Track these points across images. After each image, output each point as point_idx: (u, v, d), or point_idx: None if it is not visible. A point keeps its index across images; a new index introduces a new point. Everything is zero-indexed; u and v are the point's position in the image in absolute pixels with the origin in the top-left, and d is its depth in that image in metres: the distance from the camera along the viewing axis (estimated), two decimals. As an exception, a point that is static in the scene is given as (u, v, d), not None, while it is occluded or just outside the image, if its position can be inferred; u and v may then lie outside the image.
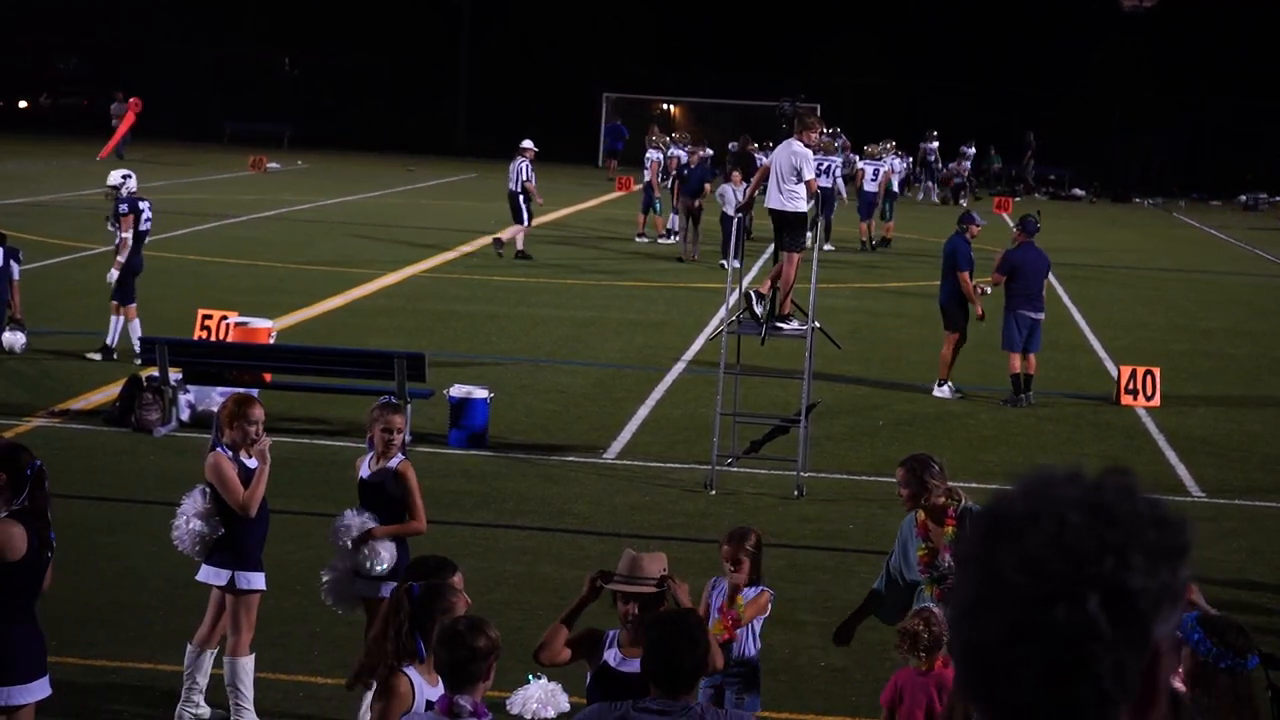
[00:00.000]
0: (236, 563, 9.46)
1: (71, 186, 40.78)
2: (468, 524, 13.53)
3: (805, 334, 15.94)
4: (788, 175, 16.22)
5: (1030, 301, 19.59)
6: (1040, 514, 1.87)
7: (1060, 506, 1.87)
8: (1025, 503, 1.90)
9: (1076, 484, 1.90)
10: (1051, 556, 1.84)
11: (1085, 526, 1.86)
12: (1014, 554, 1.86)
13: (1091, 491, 1.89)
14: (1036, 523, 1.87)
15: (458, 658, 6.07)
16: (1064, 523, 1.86)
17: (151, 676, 10.07)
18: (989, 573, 1.87)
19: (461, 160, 61.65)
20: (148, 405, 16.20)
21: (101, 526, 13.06)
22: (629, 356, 21.84)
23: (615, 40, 69.19)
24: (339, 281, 27.03)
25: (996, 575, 1.87)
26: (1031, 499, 1.90)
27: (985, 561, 1.88)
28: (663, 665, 5.97)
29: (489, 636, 6.12)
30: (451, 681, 6.11)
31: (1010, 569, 1.86)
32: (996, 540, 1.88)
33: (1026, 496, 1.90)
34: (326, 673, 10.15)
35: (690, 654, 6.01)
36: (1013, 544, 1.87)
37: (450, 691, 6.11)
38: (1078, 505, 1.87)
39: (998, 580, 1.86)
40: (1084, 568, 1.83)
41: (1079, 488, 1.90)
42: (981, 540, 1.90)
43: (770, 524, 13.82)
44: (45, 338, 20.10)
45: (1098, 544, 1.85)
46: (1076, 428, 18.79)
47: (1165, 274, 34.98)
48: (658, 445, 16.80)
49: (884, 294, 29.58)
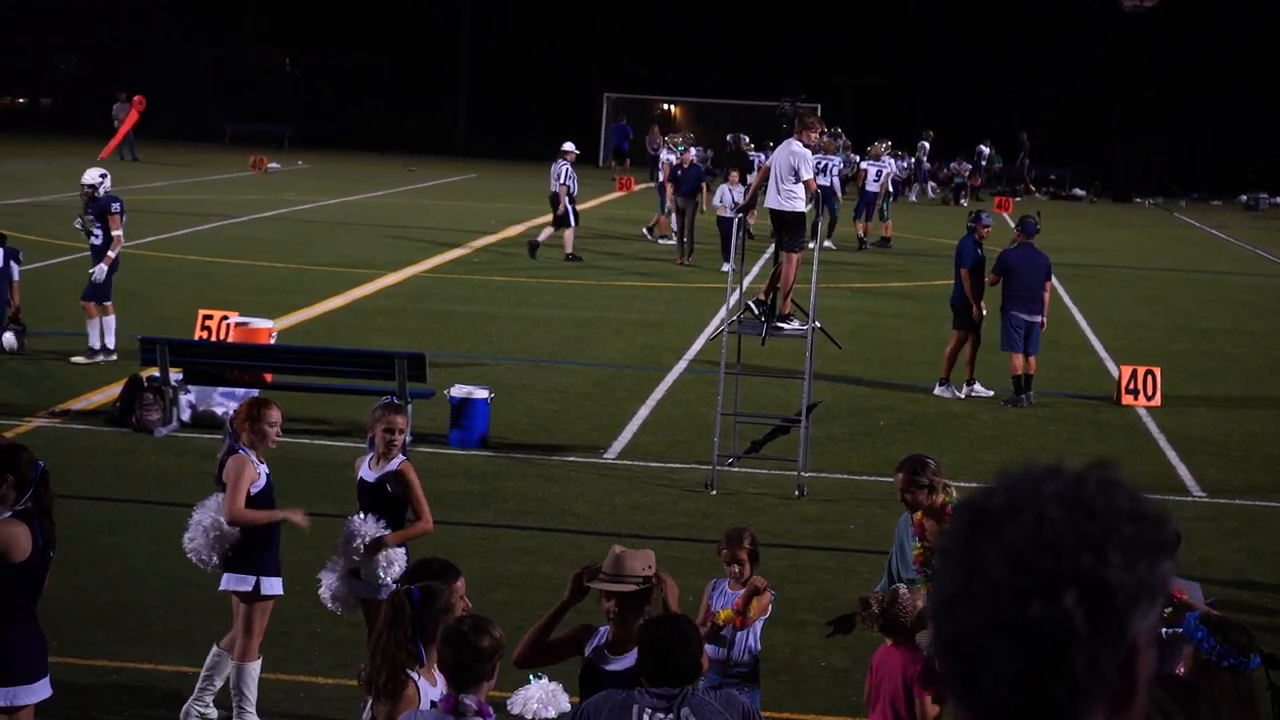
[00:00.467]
0: (259, 568, 9.48)
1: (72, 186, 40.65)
2: (468, 524, 13.53)
3: (806, 334, 15.95)
4: (786, 175, 16.20)
5: (1024, 304, 19.53)
6: (1020, 508, 1.87)
7: (1040, 501, 1.87)
8: (1005, 496, 1.89)
9: (1057, 478, 1.89)
10: (1030, 551, 1.84)
11: (1064, 521, 1.85)
12: (993, 548, 1.86)
13: (1071, 486, 1.88)
14: (1016, 517, 1.86)
15: (462, 658, 6.11)
16: (1043, 517, 1.85)
17: (152, 677, 10.07)
18: (968, 566, 1.87)
19: (462, 160, 61.66)
20: (148, 405, 16.20)
21: (102, 527, 13.06)
22: (629, 356, 21.84)
23: (615, 40, 69.20)
24: (340, 282, 27.03)
25: (975, 569, 1.86)
26: (1012, 493, 1.89)
27: (965, 555, 1.88)
28: (657, 664, 6.08)
29: (493, 636, 6.16)
30: (456, 681, 6.14)
31: (989, 563, 1.85)
32: (976, 534, 1.88)
33: (1007, 490, 1.90)
34: (327, 673, 10.15)
35: (684, 651, 6.14)
36: (992, 538, 1.86)
37: (455, 690, 6.13)
38: (1057, 499, 1.87)
39: (976, 574, 1.86)
40: (1061, 562, 1.83)
41: (1059, 482, 1.89)
42: (961, 534, 1.90)
43: (771, 524, 13.83)
44: (45, 338, 20.09)
45: (1075, 539, 1.84)
46: (1077, 428, 18.79)
47: (1166, 274, 34.98)
48: (658, 445, 16.80)
49: (884, 294, 29.58)
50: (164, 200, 39.72)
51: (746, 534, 8.73)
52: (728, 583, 8.62)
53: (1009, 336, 19.56)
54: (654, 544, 13.06)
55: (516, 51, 70.74)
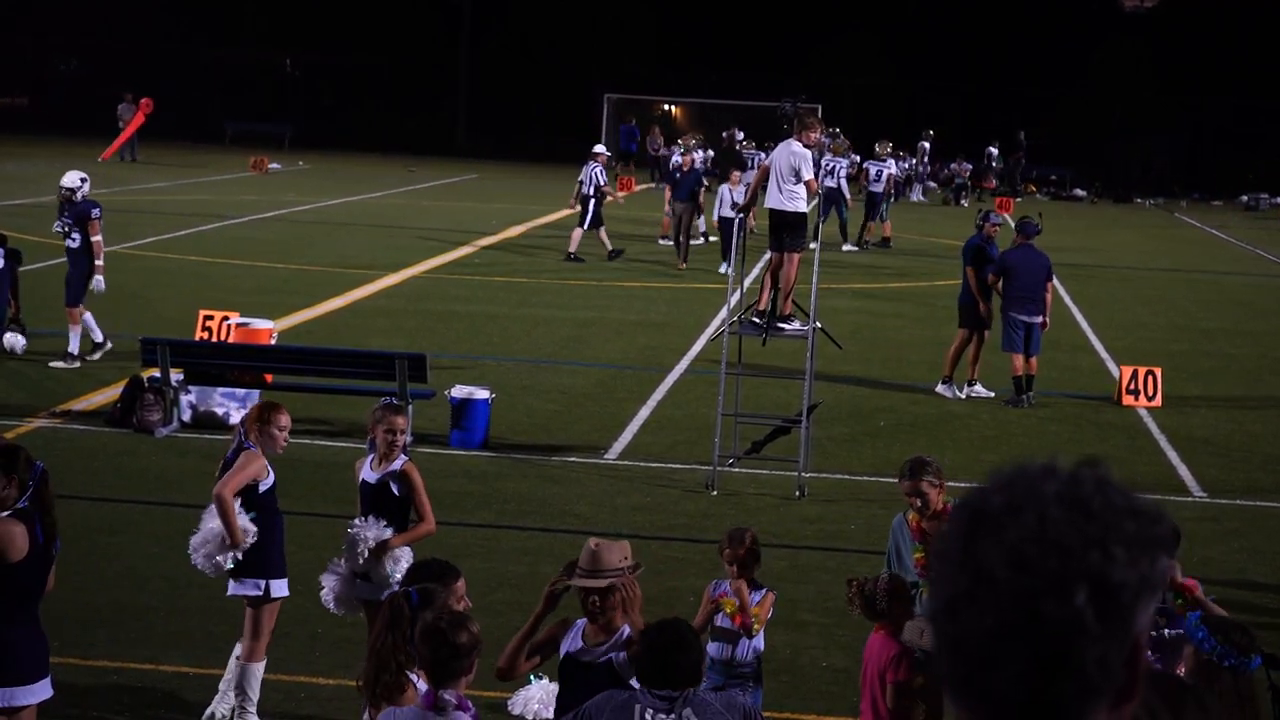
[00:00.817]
0: (267, 572, 9.50)
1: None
2: (469, 525, 13.53)
3: (806, 334, 15.93)
4: (787, 175, 16.09)
5: (1023, 304, 19.51)
6: (1021, 508, 1.87)
7: (1041, 500, 1.87)
8: (1004, 496, 1.90)
9: (1053, 477, 1.90)
10: (1035, 551, 1.84)
11: (1066, 520, 1.86)
12: (995, 548, 1.86)
13: (1069, 485, 1.89)
14: (1018, 517, 1.87)
15: (440, 655, 6.18)
16: (1045, 517, 1.86)
17: (152, 677, 10.07)
18: (971, 568, 1.87)
19: (462, 161, 61.65)
20: (149, 406, 16.20)
21: (103, 527, 13.06)
22: (630, 357, 21.84)
23: (615, 40, 69.19)
24: (340, 282, 27.03)
25: (979, 570, 1.87)
26: (1010, 493, 1.90)
27: (965, 556, 1.88)
28: (656, 668, 6.11)
29: (470, 632, 6.23)
30: (435, 677, 6.21)
31: (992, 564, 1.86)
32: (977, 535, 1.88)
33: (1004, 490, 1.90)
34: (328, 673, 10.15)
35: (683, 656, 6.18)
36: (995, 539, 1.87)
37: (434, 686, 6.19)
38: (1057, 499, 1.87)
39: (980, 575, 1.86)
40: (1068, 562, 1.84)
41: (1057, 481, 1.90)
42: (961, 535, 1.90)
43: (772, 525, 13.83)
44: (46, 339, 20.09)
45: (1081, 537, 1.85)
46: (1078, 428, 18.79)
47: (1166, 274, 34.98)
48: (659, 446, 16.80)
49: (885, 294, 29.58)
50: (164, 201, 39.72)
51: (748, 534, 8.74)
52: (728, 583, 8.63)
53: (1009, 337, 19.58)
54: (655, 544, 13.09)
55: (516, 52, 70.76)
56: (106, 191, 39.55)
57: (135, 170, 48.51)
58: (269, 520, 9.54)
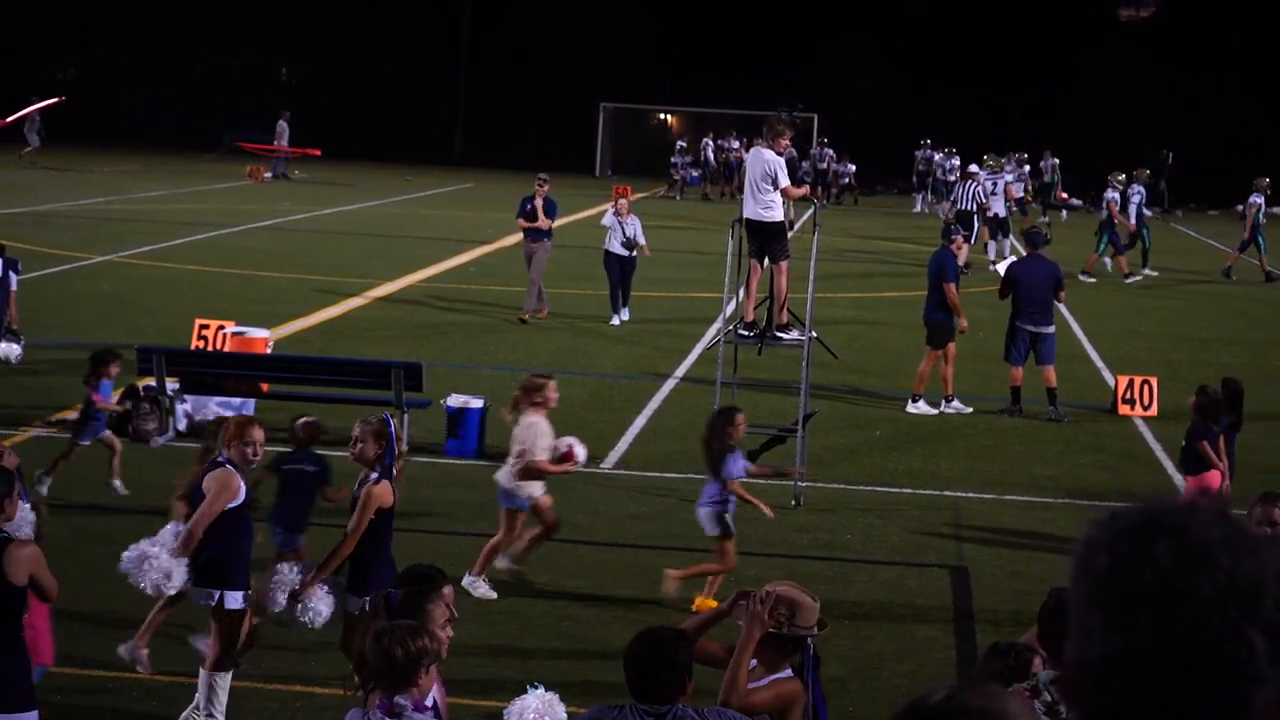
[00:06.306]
0: (222, 582, 9.54)
1: (69, 196, 40.74)
2: (465, 534, 13.51)
3: (802, 344, 15.88)
4: (762, 184, 15.44)
5: (1031, 315, 19.47)
6: (1199, 559, 1.88)
7: (1211, 549, 1.89)
8: (1171, 545, 1.89)
9: (1220, 522, 1.92)
10: (1219, 600, 1.86)
11: (1238, 566, 1.88)
12: (1170, 603, 1.87)
13: (1225, 527, 1.91)
14: (1198, 569, 1.87)
15: (378, 664, 6.25)
16: (1219, 566, 1.87)
17: (148, 688, 10.05)
18: (1136, 625, 1.88)
19: (459, 169, 61.65)
20: (145, 415, 16.18)
21: (99, 536, 13.04)
22: (626, 366, 21.83)
23: (613, 49, 69.21)
24: (336, 291, 27.02)
25: (1149, 625, 1.87)
26: (1176, 542, 1.90)
27: (1131, 614, 1.88)
28: (637, 682, 6.04)
29: (422, 641, 6.27)
30: (388, 684, 6.21)
31: (1172, 619, 1.87)
32: (1145, 592, 1.88)
33: (1166, 538, 1.90)
34: (322, 683, 10.14)
35: (668, 672, 6.07)
36: (1169, 595, 1.87)
37: (387, 693, 6.20)
38: (1223, 544, 1.89)
39: (1152, 631, 1.87)
40: (1247, 607, 1.86)
41: (1220, 526, 1.91)
42: (1126, 593, 1.90)
43: (768, 534, 13.83)
44: (42, 348, 20.07)
45: (1254, 583, 1.87)
46: (1074, 437, 18.78)
47: (1163, 283, 34.96)
48: (656, 455, 16.79)
49: (881, 303, 29.58)
50: (161, 210, 39.71)
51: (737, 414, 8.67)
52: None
53: (1011, 348, 19.48)
54: (651, 554, 13.08)
55: (514, 61, 70.74)
56: (102, 200, 39.58)
57: (132, 179, 48.49)
58: (237, 532, 9.59)
